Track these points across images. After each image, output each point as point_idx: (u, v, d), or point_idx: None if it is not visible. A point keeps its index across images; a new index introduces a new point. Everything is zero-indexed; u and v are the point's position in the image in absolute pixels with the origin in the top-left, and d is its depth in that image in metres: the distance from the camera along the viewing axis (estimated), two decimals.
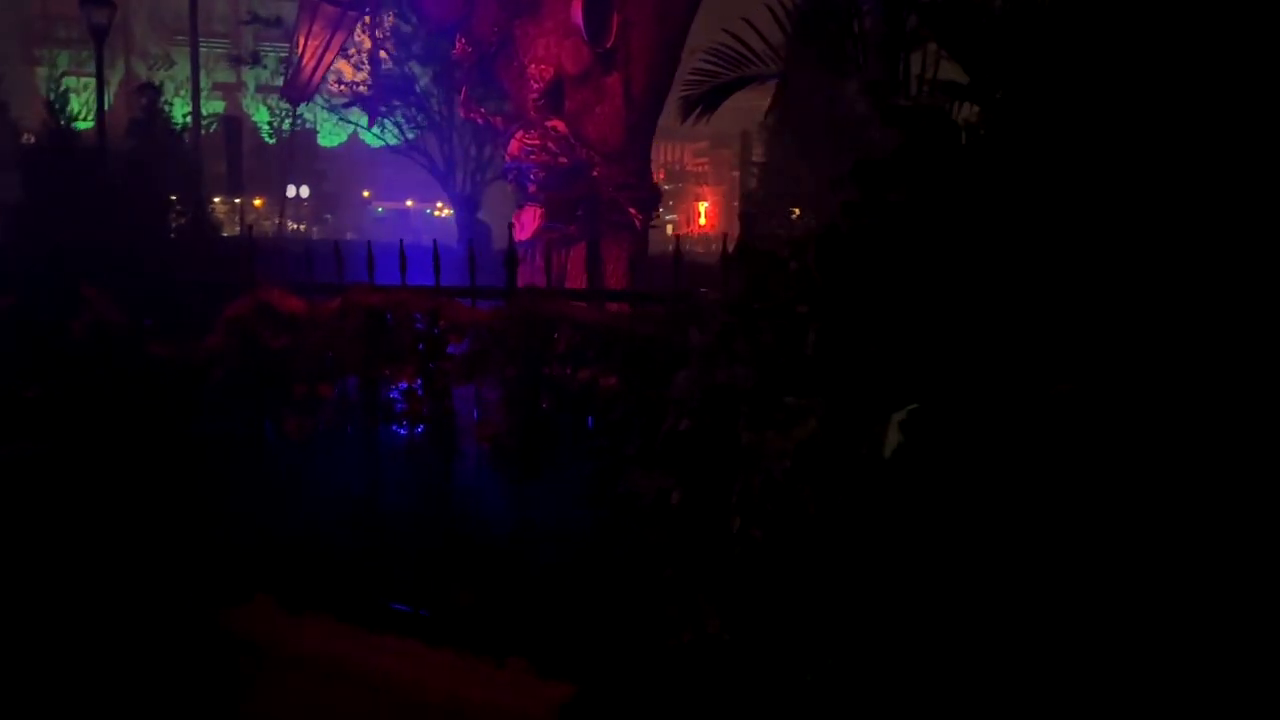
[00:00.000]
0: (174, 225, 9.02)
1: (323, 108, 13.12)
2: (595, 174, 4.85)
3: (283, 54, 17.05)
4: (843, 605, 1.72)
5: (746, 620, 1.86)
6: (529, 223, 4.89)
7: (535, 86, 4.81)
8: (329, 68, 5.81)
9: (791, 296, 1.80)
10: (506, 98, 5.21)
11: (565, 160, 4.77)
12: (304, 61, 5.49)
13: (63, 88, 7.36)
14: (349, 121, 15.06)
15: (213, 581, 3.87)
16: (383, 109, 13.61)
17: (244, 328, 3.65)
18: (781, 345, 1.81)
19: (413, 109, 13.55)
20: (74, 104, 7.53)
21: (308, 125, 36.21)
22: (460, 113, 5.59)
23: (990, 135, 1.83)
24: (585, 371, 2.98)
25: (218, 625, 3.85)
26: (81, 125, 9.32)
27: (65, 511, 3.50)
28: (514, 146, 4.90)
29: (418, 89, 13.31)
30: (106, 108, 11.96)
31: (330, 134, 35.79)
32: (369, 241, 3.52)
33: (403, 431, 3.55)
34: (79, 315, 3.89)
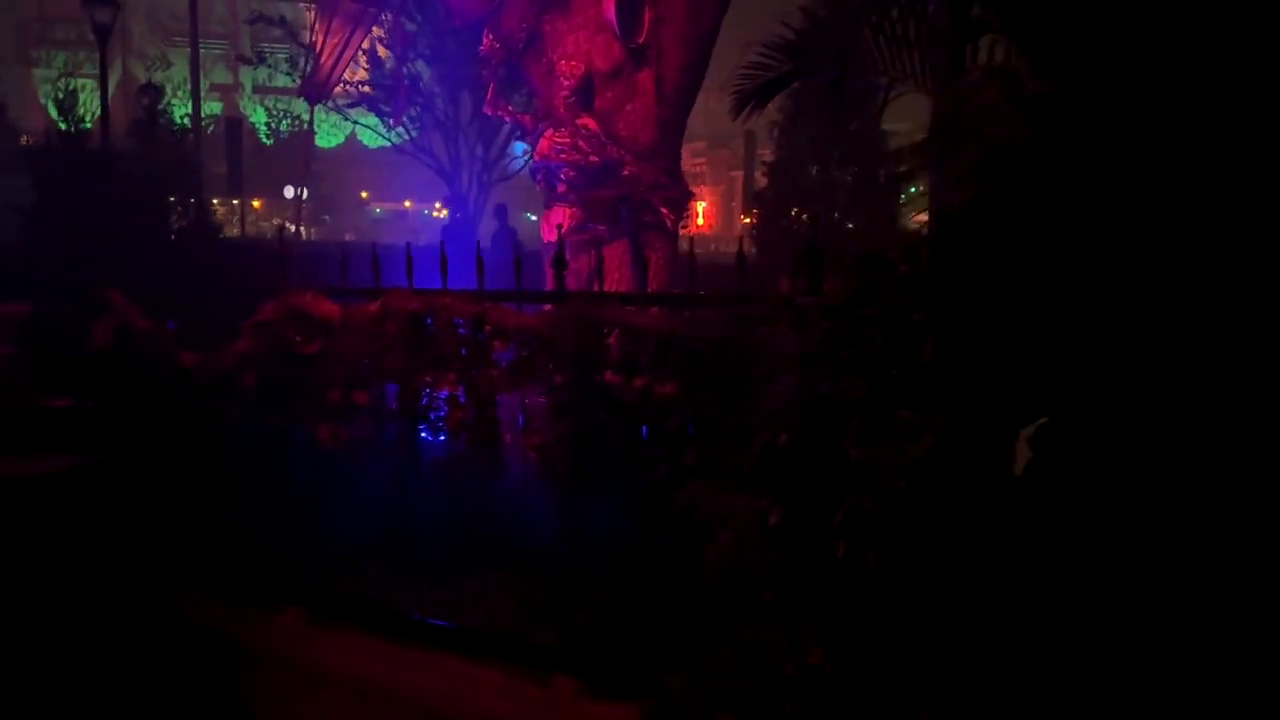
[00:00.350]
0: (176, 227, 8.94)
1: (329, 108, 12.93)
2: (626, 173, 4.72)
3: (284, 54, 16.89)
4: (966, 637, 1.60)
5: (854, 652, 1.73)
6: (559, 223, 4.76)
7: (565, 84, 4.69)
8: (348, 65, 5.68)
9: (904, 301, 1.67)
10: (534, 95, 5.09)
11: (596, 159, 4.64)
12: (322, 60, 5.36)
13: (71, 86, 7.25)
14: (354, 121, 14.89)
15: (241, 594, 3.74)
16: (386, 108, 13.47)
17: (274, 332, 3.52)
18: (893, 354, 1.69)
19: (417, 108, 13.40)
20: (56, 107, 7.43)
21: (305, 126, 36.06)
22: (487, 110, 5.45)
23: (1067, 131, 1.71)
24: (640, 379, 2.85)
25: (244, 639, 3.72)
26: (67, 127, 9.22)
27: (100, 525, 3.37)
28: (543, 145, 4.77)
29: (422, 87, 13.16)
30: (101, 110, 11.80)
31: (328, 135, 35.67)
32: (408, 244, 3.39)
33: (439, 439, 3.42)
34: (102, 320, 3.76)
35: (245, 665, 3.73)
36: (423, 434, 3.44)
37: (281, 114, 36.37)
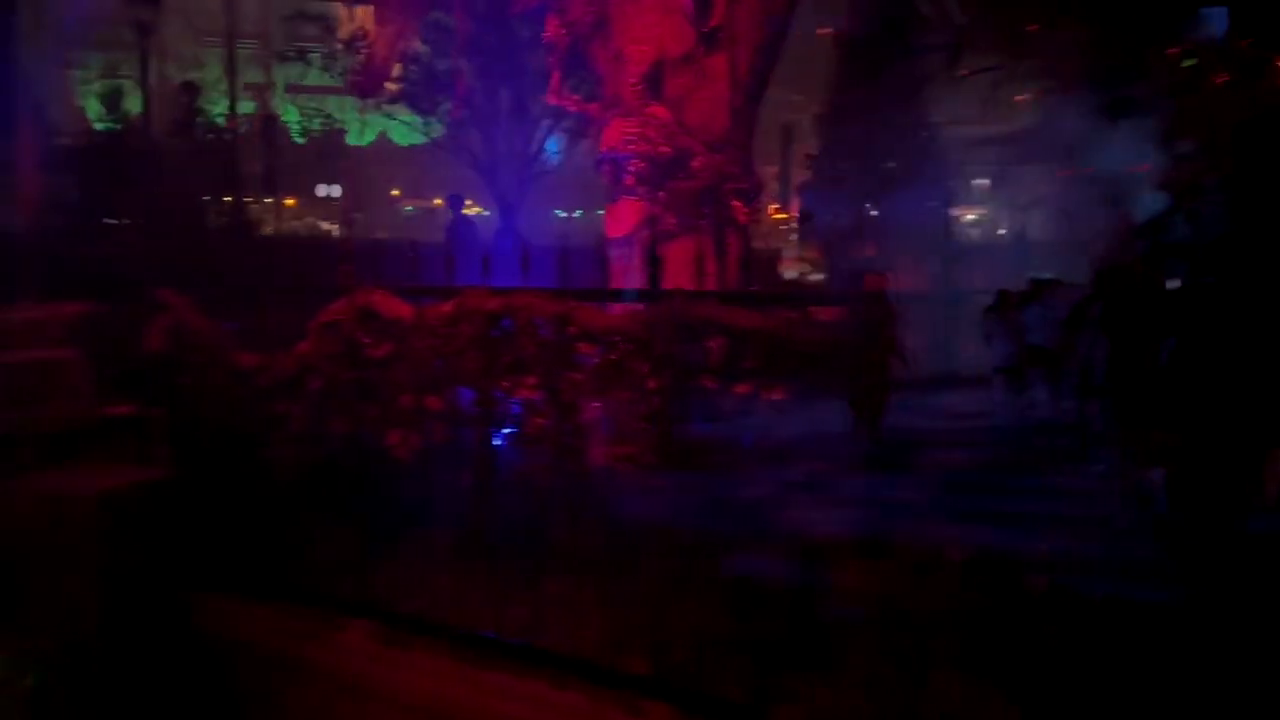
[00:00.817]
0: (216, 225, 8.87)
1: (375, 105, 12.76)
2: (696, 163, 4.48)
3: (317, 52, 16.76)
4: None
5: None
6: (626, 217, 4.52)
7: (634, 69, 4.45)
8: (400, 55, 5.49)
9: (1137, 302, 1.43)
10: (600, 83, 4.86)
11: (667, 149, 4.41)
12: (376, 48, 5.16)
13: (113, 85, 7.14)
14: (391, 118, 14.72)
15: (306, 608, 3.55)
16: (426, 104, 13.25)
17: (341, 333, 3.33)
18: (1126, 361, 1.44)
19: (447, 100, 13.12)
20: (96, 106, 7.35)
21: (338, 124, 35.99)
22: (550, 100, 5.25)
23: None
24: (745, 385, 2.61)
25: (310, 656, 3.53)
26: (111, 126, 9.14)
27: (166, 536, 3.20)
28: (610, 135, 4.54)
29: (464, 81, 12.92)
30: (142, 109, 11.73)
31: (358, 133, 35.55)
32: (485, 241, 3.18)
33: (517, 446, 3.21)
34: (157, 320, 3.59)
35: (309, 683, 3.54)
36: (498, 441, 3.24)
37: (313, 113, 36.34)
